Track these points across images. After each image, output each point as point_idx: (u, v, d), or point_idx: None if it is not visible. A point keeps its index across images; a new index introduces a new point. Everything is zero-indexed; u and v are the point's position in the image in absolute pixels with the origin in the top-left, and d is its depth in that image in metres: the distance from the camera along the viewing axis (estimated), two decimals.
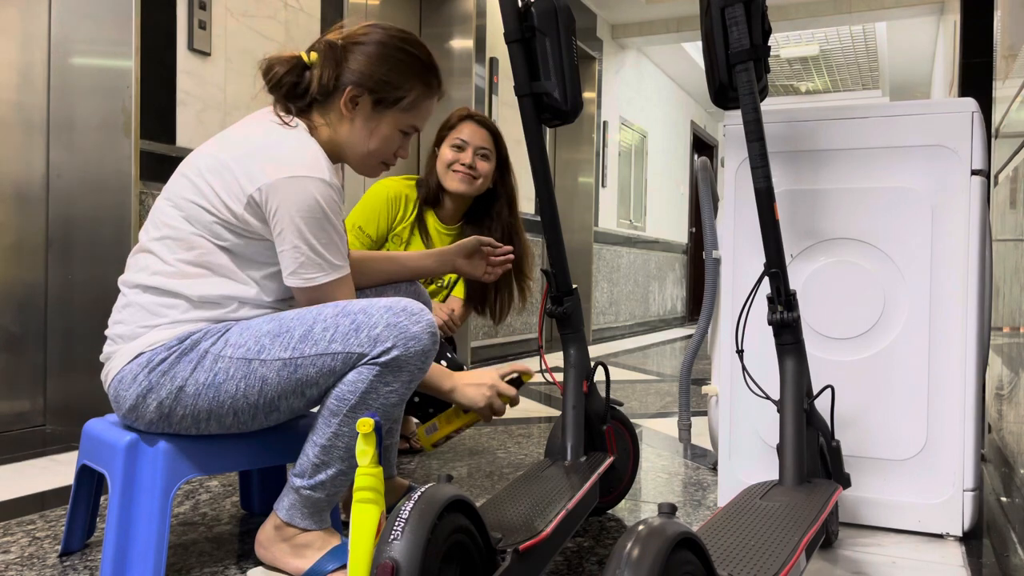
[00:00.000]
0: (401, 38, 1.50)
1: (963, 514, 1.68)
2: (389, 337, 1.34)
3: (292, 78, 1.47)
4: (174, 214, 1.40)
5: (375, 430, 1.15)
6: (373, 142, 1.50)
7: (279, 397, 1.36)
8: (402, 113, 1.50)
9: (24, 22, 2.65)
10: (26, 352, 2.68)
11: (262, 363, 1.34)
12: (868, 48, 8.20)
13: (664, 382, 4.26)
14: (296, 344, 1.34)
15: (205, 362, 1.34)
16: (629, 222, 7.71)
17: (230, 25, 2.99)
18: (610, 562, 0.85)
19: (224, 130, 1.49)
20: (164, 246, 1.39)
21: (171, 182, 1.45)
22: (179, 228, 1.39)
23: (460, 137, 2.27)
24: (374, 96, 1.47)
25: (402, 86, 1.48)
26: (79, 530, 1.54)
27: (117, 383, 1.36)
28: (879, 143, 1.74)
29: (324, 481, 1.39)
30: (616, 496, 1.85)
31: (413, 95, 1.50)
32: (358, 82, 1.46)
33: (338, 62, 1.46)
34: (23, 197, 2.66)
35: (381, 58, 1.47)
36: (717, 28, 1.55)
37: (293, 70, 1.47)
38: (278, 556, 1.42)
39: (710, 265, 1.99)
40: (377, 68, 1.46)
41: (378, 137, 1.50)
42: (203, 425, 1.37)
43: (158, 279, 1.38)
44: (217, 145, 1.43)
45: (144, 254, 1.42)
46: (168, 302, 1.37)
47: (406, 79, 1.48)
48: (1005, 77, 2.56)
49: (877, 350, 1.75)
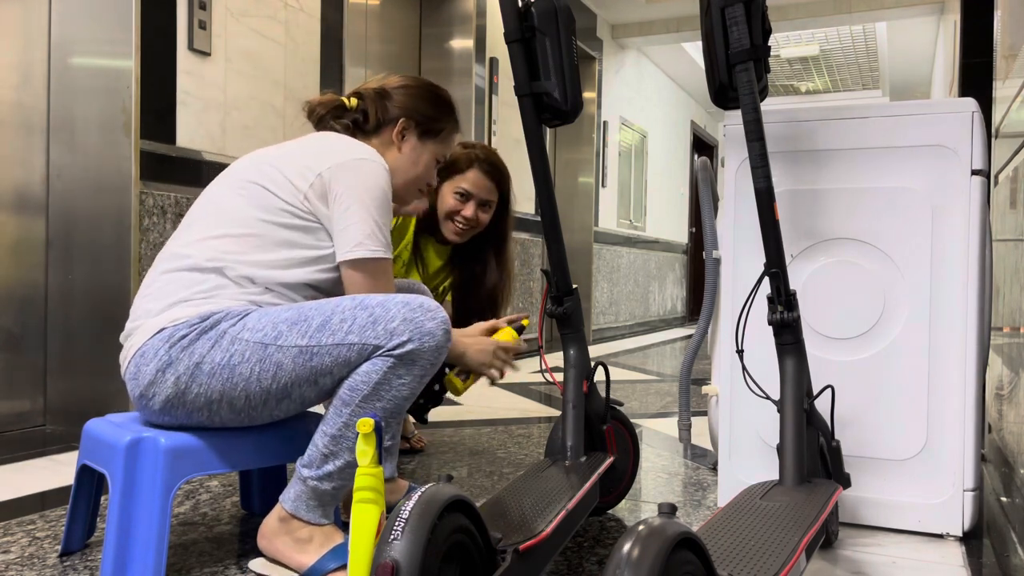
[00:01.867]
0: (429, 83, 1.75)
1: (963, 514, 1.68)
2: (405, 331, 1.37)
3: (334, 115, 1.65)
4: (226, 197, 1.48)
5: (375, 430, 1.15)
6: (419, 168, 1.69)
7: (292, 384, 1.38)
8: (440, 144, 1.71)
9: (24, 22, 2.65)
10: (26, 352, 2.68)
11: (278, 348, 1.37)
12: (868, 48, 8.20)
13: (664, 382, 4.26)
14: (313, 333, 1.37)
15: (223, 342, 1.36)
16: (629, 222, 7.71)
17: (230, 25, 2.99)
18: (610, 562, 0.85)
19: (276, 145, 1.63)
20: (215, 223, 1.46)
21: (228, 170, 1.54)
22: (248, 218, 1.45)
23: (464, 187, 2.19)
24: (420, 128, 1.68)
25: (441, 119, 1.70)
26: (79, 530, 1.53)
27: (139, 358, 1.38)
28: (879, 143, 1.74)
29: (332, 472, 1.40)
30: (616, 496, 1.85)
31: (448, 128, 1.72)
32: (407, 115, 1.66)
33: (385, 98, 1.67)
34: (23, 197, 2.66)
35: (422, 96, 1.69)
36: (717, 28, 1.55)
37: (333, 111, 1.65)
38: (280, 548, 1.43)
39: (710, 265, 1.99)
40: (421, 103, 1.68)
41: (423, 164, 1.69)
42: (215, 408, 1.38)
43: (197, 252, 1.43)
44: (275, 145, 1.58)
45: (187, 230, 1.48)
46: (202, 278, 1.42)
47: (444, 113, 1.72)
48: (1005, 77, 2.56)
49: (877, 350, 1.75)
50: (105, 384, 2.63)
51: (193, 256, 1.42)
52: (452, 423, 2.90)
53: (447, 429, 2.80)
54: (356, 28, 4.11)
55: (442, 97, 1.73)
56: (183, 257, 1.43)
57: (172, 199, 2.77)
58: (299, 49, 3.34)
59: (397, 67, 4.57)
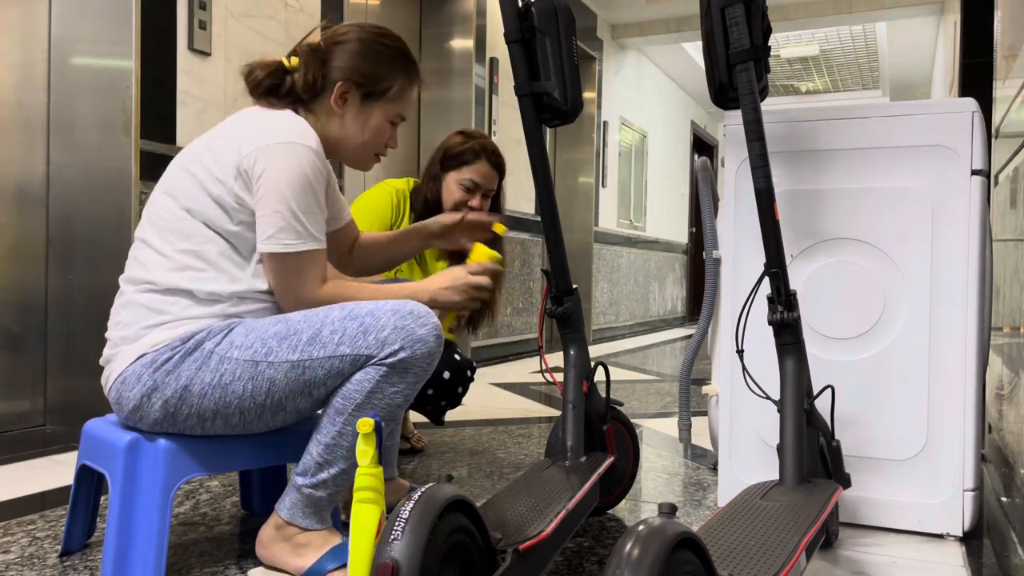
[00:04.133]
0: (378, 32, 1.57)
1: (963, 514, 1.68)
2: (397, 339, 1.36)
3: (273, 80, 1.51)
4: (168, 203, 1.42)
5: (375, 430, 1.15)
6: (366, 134, 1.55)
7: (286, 398, 1.37)
8: (390, 103, 1.56)
9: (24, 22, 2.65)
10: (26, 352, 2.68)
11: (269, 365, 1.35)
12: (868, 48, 8.20)
13: (664, 382, 4.26)
14: (304, 347, 1.35)
15: (211, 362, 1.34)
16: (629, 222, 7.71)
17: (230, 25, 2.99)
18: (610, 562, 0.85)
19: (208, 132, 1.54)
20: (161, 237, 1.41)
21: (163, 176, 1.48)
22: (174, 215, 1.40)
23: (473, 179, 2.21)
24: (363, 89, 1.53)
25: (387, 77, 1.54)
26: (79, 530, 1.53)
27: (120, 384, 1.36)
28: (879, 143, 1.74)
29: (326, 480, 1.40)
30: (616, 496, 1.85)
31: (398, 85, 1.56)
32: (346, 78, 1.51)
33: (323, 61, 1.52)
34: (23, 197, 2.65)
35: (364, 53, 1.53)
36: (717, 28, 1.55)
37: (274, 73, 1.51)
38: (278, 555, 1.43)
39: (710, 265, 1.99)
40: (362, 62, 1.52)
41: (371, 129, 1.56)
42: (208, 424, 1.37)
43: (158, 273, 1.38)
44: (206, 135, 1.48)
45: (142, 248, 1.43)
46: (169, 299, 1.38)
47: (390, 70, 1.55)
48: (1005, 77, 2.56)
49: (877, 350, 1.75)
50: None
51: (157, 280, 1.38)
52: (452, 423, 2.90)
53: (447, 429, 2.80)
54: None
55: (386, 48, 1.55)
56: (146, 282, 1.39)
57: None
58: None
59: None
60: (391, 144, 1.62)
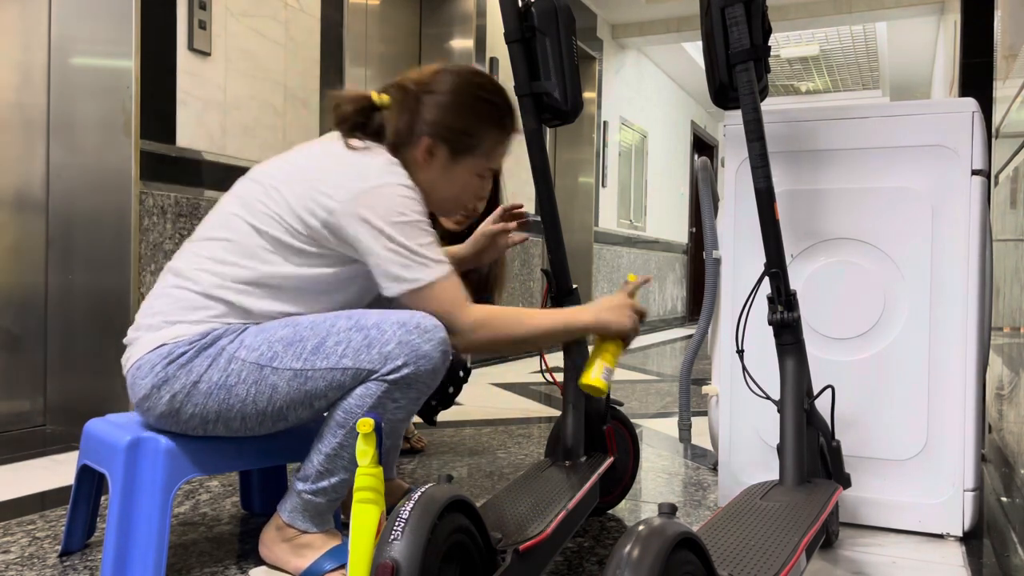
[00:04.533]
0: (475, 84, 1.49)
1: (963, 514, 1.68)
2: (400, 355, 1.33)
3: (360, 117, 1.46)
4: (240, 221, 1.40)
5: (375, 430, 1.15)
6: (453, 189, 1.50)
7: (287, 407, 1.36)
8: (479, 159, 1.50)
9: (24, 22, 2.65)
10: (26, 352, 2.68)
11: (273, 371, 1.34)
12: (868, 48, 8.20)
13: (664, 382, 4.26)
14: (308, 356, 1.34)
15: (220, 360, 1.34)
16: (629, 222, 7.71)
17: (230, 25, 2.99)
18: (610, 562, 0.85)
19: (291, 150, 1.49)
20: (224, 250, 1.39)
21: (241, 185, 1.45)
22: (246, 236, 1.39)
23: None
24: (450, 145, 1.46)
25: (477, 133, 1.48)
26: (79, 530, 1.53)
27: (135, 370, 1.37)
28: (879, 143, 1.74)
29: (326, 488, 1.40)
30: (616, 496, 1.85)
31: (490, 140, 1.50)
32: (434, 133, 1.45)
33: (412, 111, 1.45)
34: (23, 197, 2.65)
35: (456, 107, 1.46)
36: (717, 28, 1.55)
37: (362, 110, 1.46)
38: (279, 555, 1.43)
39: (710, 265, 1.99)
40: (453, 118, 1.45)
41: (457, 185, 1.50)
42: (210, 427, 1.37)
43: (206, 278, 1.37)
44: (290, 158, 1.44)
45: (203, 247, 1.41)
46: (205, 303, 1.37)
47: (482, 126, 1.48)
48: (1005, 77, 2.56)
49: (877, 350, 1.75)
50: (105, 384, 2.63)
51: (200, 281, 1.38)
52: (452, 423, 2.90)
53: (447, 429, 2.79)
54: (356, 28, 4.11)
55: (480, 102, 1.48)
56: (191, 282, 1.38)
57: (172, 199, 2.77)
58: (299, 49, 3.34)
59: (397, 67, 4.57)
60: (481, 196, 1.55)
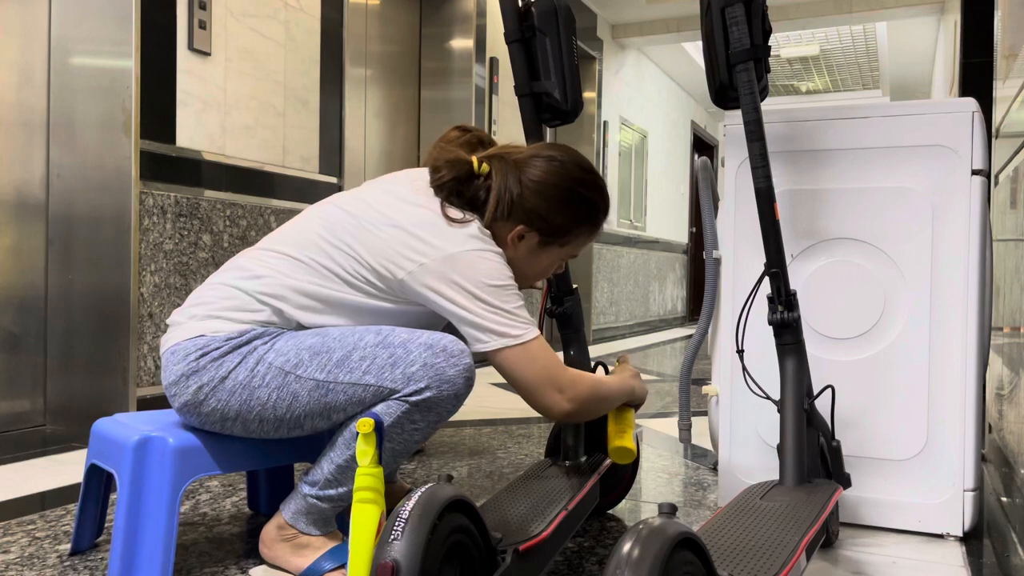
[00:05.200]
0: (578, 180, 1.47)
1: (963, 514, 1.68)
2: (424, 377, 1.32)
3: (458, 185, 1.44)
4: (318, 250, 1.40)
5: (375, 430, 1.15)
6: (532, 270, 1.51)
7: (305, 416, 1.36)
8: (566, 248, 1.51)
9: (24, 22, 2.65)
10: (26, 352, 2.68)
11: (297, 379, 1.34)
12: (868, 48, 8.20)
13: (664, 382, 4.26)
14: (332, 368, 1.33)
15: (249, 360, 1.35)
16: (629, 222, 7.71)
17: (230, 25, 2.99)
18: (610, 562, 0.85)
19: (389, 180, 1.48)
20: (294, 268, 1.39)
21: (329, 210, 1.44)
22: (321, 263, 1.39)
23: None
24: (542, 236, 1.46)
25: (573, 231, 1.48)
26: (88, 529, 1.54)
27: (170, 355, 1.38)
28: (879, 143, 1.74)
29: (333, 496, 1.40)
30: (616, 496, 1.85)
31: (582, 238, 1.51)
32: (529, 222, 1.44)
33: (512, 191, 1.43)
34: (23, 197, 2.65)
35: (558, 202, 1.45)
36: (717, 28, 1.55)
37: (461, 179, 1.44)
38: (280, 554, 1.43)
39: (710, 265, 1.99)
40: (551, 212, 1.44)
41: (538, 267, 1.51)
42: (228, 424, 1.38)
43: (267, 289, 1.38)
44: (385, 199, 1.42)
45: (273, 259, 1.41)
46: (256, 306, 1.38)
47: (579, 226, 1.48)
48: (1005, 77, 2.56)
49: (877, 350, 1.75)
50: (105, 384, 2.63)
51: (263, 287, 1.38)
52: (452, 423, 2.90)
53: (447, 429, 2.79)
54: (356, 28, 4.11)
55: (581, 200, 1.46)
56: (254, 279, 1.39)
57: (172, 199, 2.77)
58: (299, 49, 3.34)
59: (397, 67, 4.57)
60: (557, 271, 1.59)
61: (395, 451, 1.37)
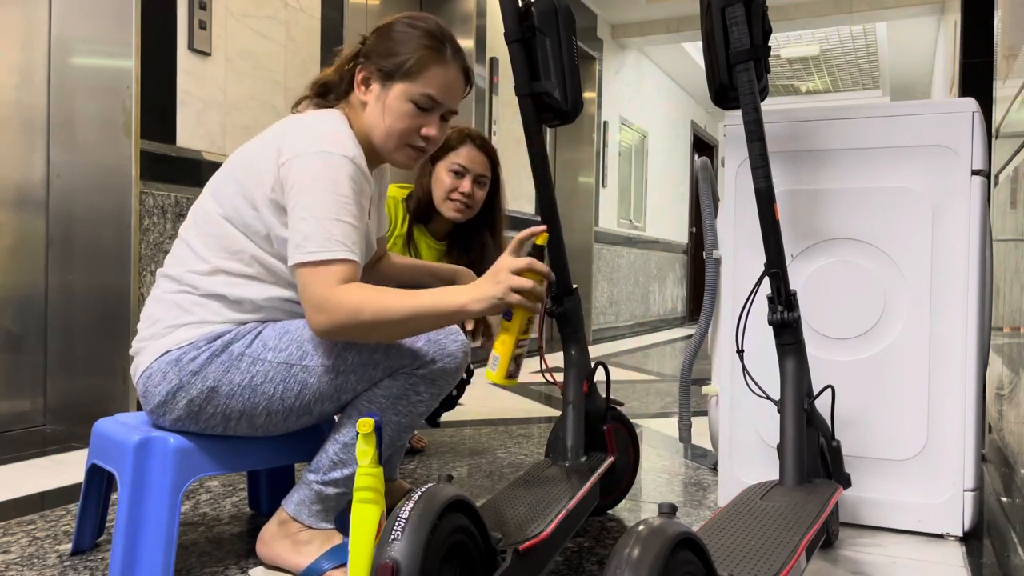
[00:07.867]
0: (409, 15, 1.49)
1: (963, 514, 1.68)
2: (430, 352, 1.40)
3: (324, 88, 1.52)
4: (212, 207, 1.42)
5: (375, 430, 1.15)
6: (387, 118, 1.43)
7: (314, 401, 1.38)
8: (409, 81, 1.42)
9: (24, 22, 2.65)
10: (26, 352, 2.68)
11: (304, 368, 1.36)
12: (868, 48, 8.20)
13: (664, 382, 4.26)
14: (340, 351, 1.37)
15: (241, 365, 1.35)
16: (629, 222, 7.70)
17: (230, 25, 2.99)
18: (610, 562, 0.85)
19: None
20: (202, 241, 1.41)
21: (214, 176, 1.48)
22: (215, 219, 1.41)
23: (459, 162, 2.20)
24: (381, 71, 1.44)
25: (403, 52, 1.43)
26: (89, 529, 1.54)
27: (146, 379, 1.38)
28: (879, 143, 1.74)
29: (338, 479, 1.41)
30: (616, 496, 1.85)
31: (415, 59, 1.42)
32: (364, 64, 1.46)
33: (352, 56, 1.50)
34: (23, 197, 2.65)
35: (386, 33, 1.47)
36: (717, 28, 1.55)
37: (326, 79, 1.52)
38: (279, 552, 1.43)
39: (710, 265, 1.99)
40: (381, 43, 1.46)
41: (390, 112, 1.43)
42: (232, 424, 1.39)
43: (195, 277, 1.40)
44: (256, 138, 1.47)
45: (183, 248, 1.44)
46: (201, 301, 1.39)
47: (407, 45, 1.44)
48: (1005, 77, 2.56)
49: (877, 350, 1.75)
50: (105, 384, 2.63)
51: (193, 283, 1.40)
52: (452, 423, 2.90)
53: (447, 429, 2.79)
54: (356, 28, 4.11)
55: (409, 29, 1.45)
56: (182, 283, 1.40)
57: (172, 199, 2.77)
58: (299, 49, 3.34)
59: None
60: (427, 132, 1.45)
61: (400, 424, 1.42)
